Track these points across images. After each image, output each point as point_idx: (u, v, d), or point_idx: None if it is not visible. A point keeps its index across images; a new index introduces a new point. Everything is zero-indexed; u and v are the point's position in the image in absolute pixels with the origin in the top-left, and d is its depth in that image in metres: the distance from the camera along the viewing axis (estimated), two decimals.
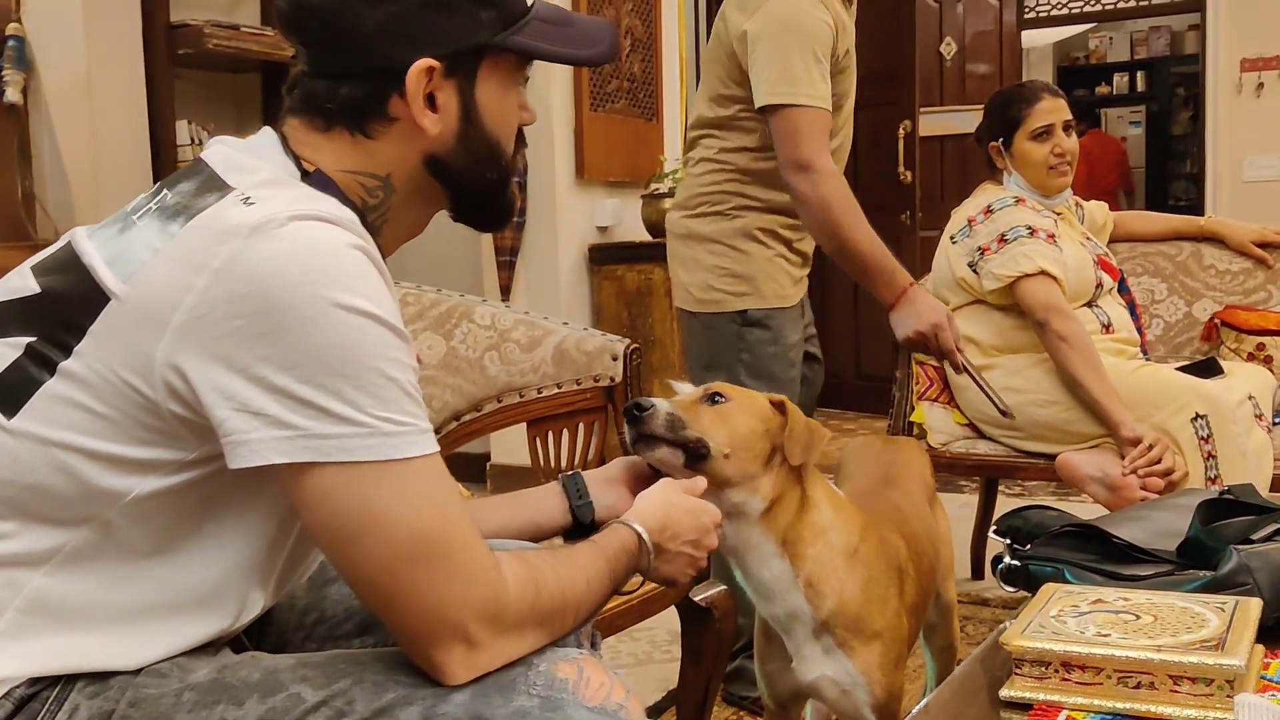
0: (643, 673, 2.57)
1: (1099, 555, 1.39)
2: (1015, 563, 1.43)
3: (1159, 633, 1.10)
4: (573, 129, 4.04)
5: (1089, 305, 2.53)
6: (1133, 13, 8.08)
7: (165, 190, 1.00)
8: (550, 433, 2.02)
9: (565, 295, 4.04)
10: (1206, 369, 2.43)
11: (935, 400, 2.65)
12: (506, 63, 1.08)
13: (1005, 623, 1.20)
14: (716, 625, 1.81)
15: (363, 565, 0.92)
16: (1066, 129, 2.60)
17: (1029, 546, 1.45)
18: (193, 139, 3.33)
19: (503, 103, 1.09)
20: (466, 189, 1.10)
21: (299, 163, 1.03)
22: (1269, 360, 2.63)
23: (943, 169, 5.99)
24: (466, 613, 0.92)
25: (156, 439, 0.93)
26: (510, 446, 3.89)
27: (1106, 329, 2.52)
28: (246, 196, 0.94)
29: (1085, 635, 1.11)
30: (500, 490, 1.58)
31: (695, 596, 1.80)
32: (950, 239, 2.61)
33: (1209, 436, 2.25)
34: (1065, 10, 8.05)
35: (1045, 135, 2.58)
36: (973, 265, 2.53)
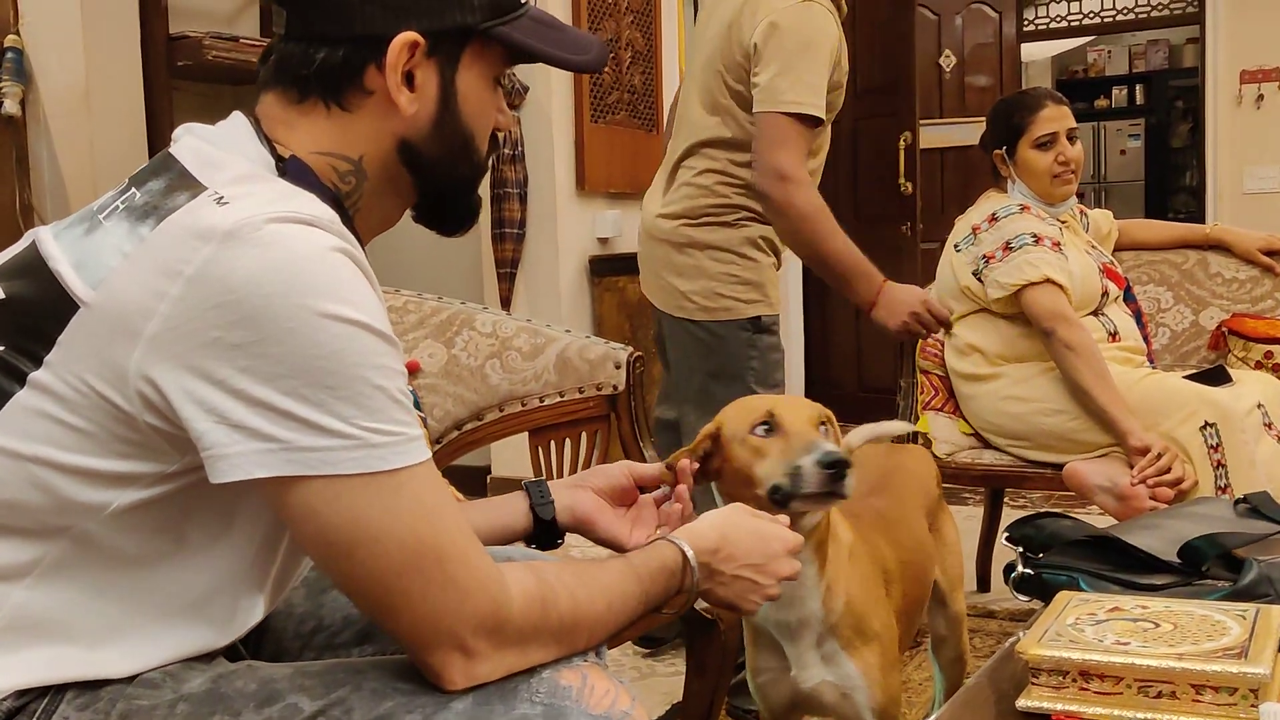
0: (646, 685, 2.54)
1: (1114, 564, 1.37)
2: (1029, 571, 1.41)
3: (1180, 641, 1.08)
4: (573, 140, 4.03)
5: (1095, 314, 2.51)
6: (1131, 26, 8.10)
7: (134, 188, 0.95)
8: (552, 441, 2.00)
9: (566, 306, 4.02)
10: (1215, 377, 2.41)
11: (940, 410, 2.64)
12: (492, 54, 1.04)
13: (1019, 633, 1.17)
14: (722, 637, 1.78)
15: (355, 578, 0.89)
16: (1070, 137, 2.58)
17: (1042, 555, 1.43)
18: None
19: (482, 95, 1.05)
20: (436, 181, 1.06)
21: (273, 149, 0.99)
22: (1277, 368, 2.61)
23: (943, 181, 5.99)
24: (462, 624, 0.90)
25: (134, 452, 0.90)
26: (511, 459, 3.87)
27: (1113, 337, 2.50)
28: (220, 196, 0.89)
29: (1104, 643, 1.08)
30: None
31: (699, 606, 1.77)
32: (954, 247, 2.59)
33: (1218, 445, 2.23)
34: (1064, 23, 8.08)
35: (1049, 143, 2.56)
36: (977, 273, 2.51)
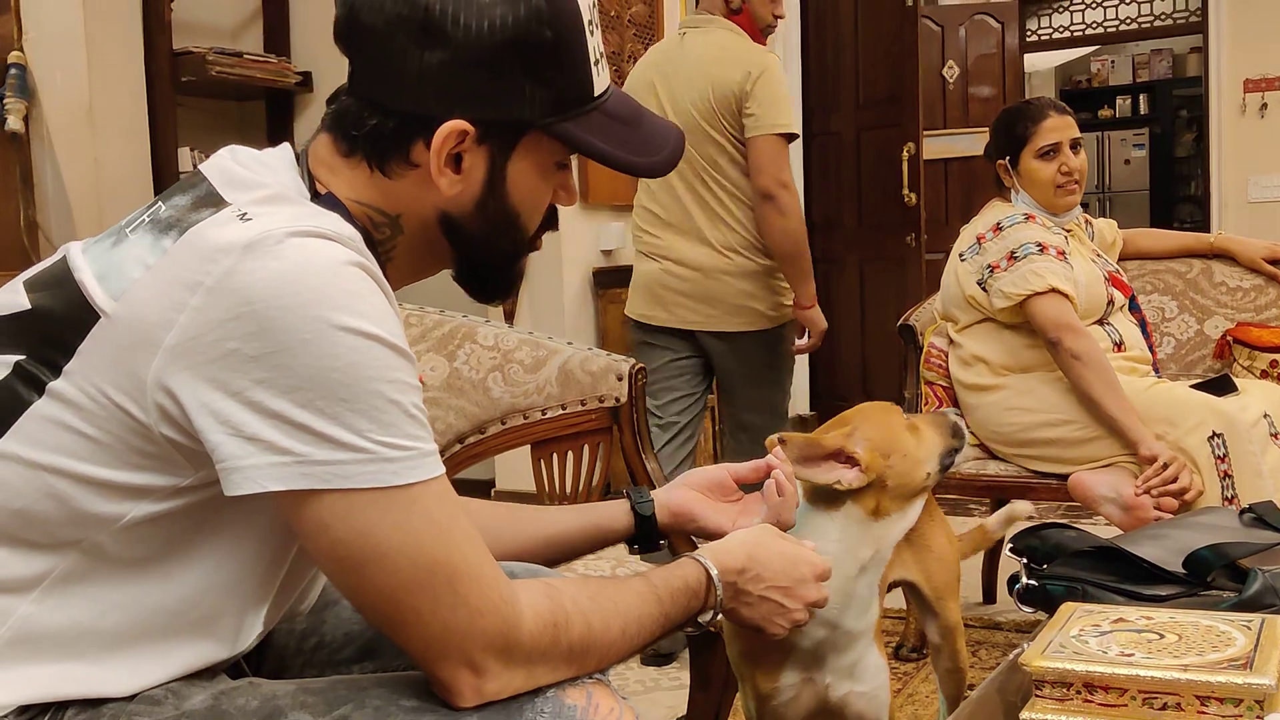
0: (651, 699, 2.53)
1: (1119, 575, 1.36)
2: (1033, 582, 1.40)
3: (1184, 652, 1.07)
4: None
5: (1100, 323, 2.50)
6: (1135, 35, 8.10)
7: (160, 203, 0.97)
8: (555, 454, 1.99)
9: (570, 319, 4.02)
10: (1220, 386, 2.40)
11: None
12: (550, 145, 1.01)
13: (1023, 644, 1.16)
14: (725, 650, 1.77)
15: (366, 593, 0.90)
16: (1074, 147, 2.58)
17: (1046, 566, 1.43)
18: (195, 166, 3.33)
19: (535, 182, 1.03)
20: (476, 254, 1.05)
21: (313, 184, 0.99)
22: None
23: (947, 191, 6.00)
24: (472, 642, 0.90)
25: (150, 464, 0.90)
26: (515, 472, 3.86)
27: (1118, 347, 2.49)
28: (244, 212, 0.90)
29: (1108, 655, 1.08)
30: None
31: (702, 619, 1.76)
32: (959, 256, 2.58)
33: (1225, 455, 2.22)
34: (1067, 34, 8.08)
35: (1052, 154, 2.55)
36: (982, 283, 2.50)
